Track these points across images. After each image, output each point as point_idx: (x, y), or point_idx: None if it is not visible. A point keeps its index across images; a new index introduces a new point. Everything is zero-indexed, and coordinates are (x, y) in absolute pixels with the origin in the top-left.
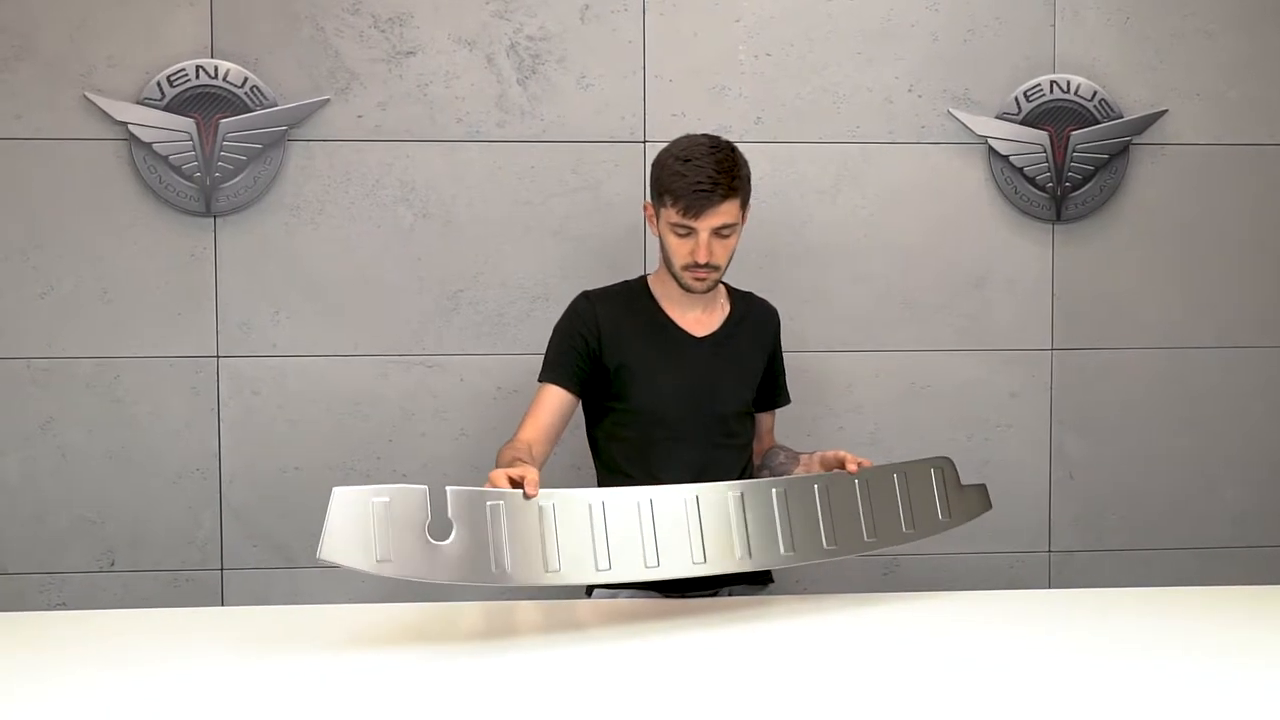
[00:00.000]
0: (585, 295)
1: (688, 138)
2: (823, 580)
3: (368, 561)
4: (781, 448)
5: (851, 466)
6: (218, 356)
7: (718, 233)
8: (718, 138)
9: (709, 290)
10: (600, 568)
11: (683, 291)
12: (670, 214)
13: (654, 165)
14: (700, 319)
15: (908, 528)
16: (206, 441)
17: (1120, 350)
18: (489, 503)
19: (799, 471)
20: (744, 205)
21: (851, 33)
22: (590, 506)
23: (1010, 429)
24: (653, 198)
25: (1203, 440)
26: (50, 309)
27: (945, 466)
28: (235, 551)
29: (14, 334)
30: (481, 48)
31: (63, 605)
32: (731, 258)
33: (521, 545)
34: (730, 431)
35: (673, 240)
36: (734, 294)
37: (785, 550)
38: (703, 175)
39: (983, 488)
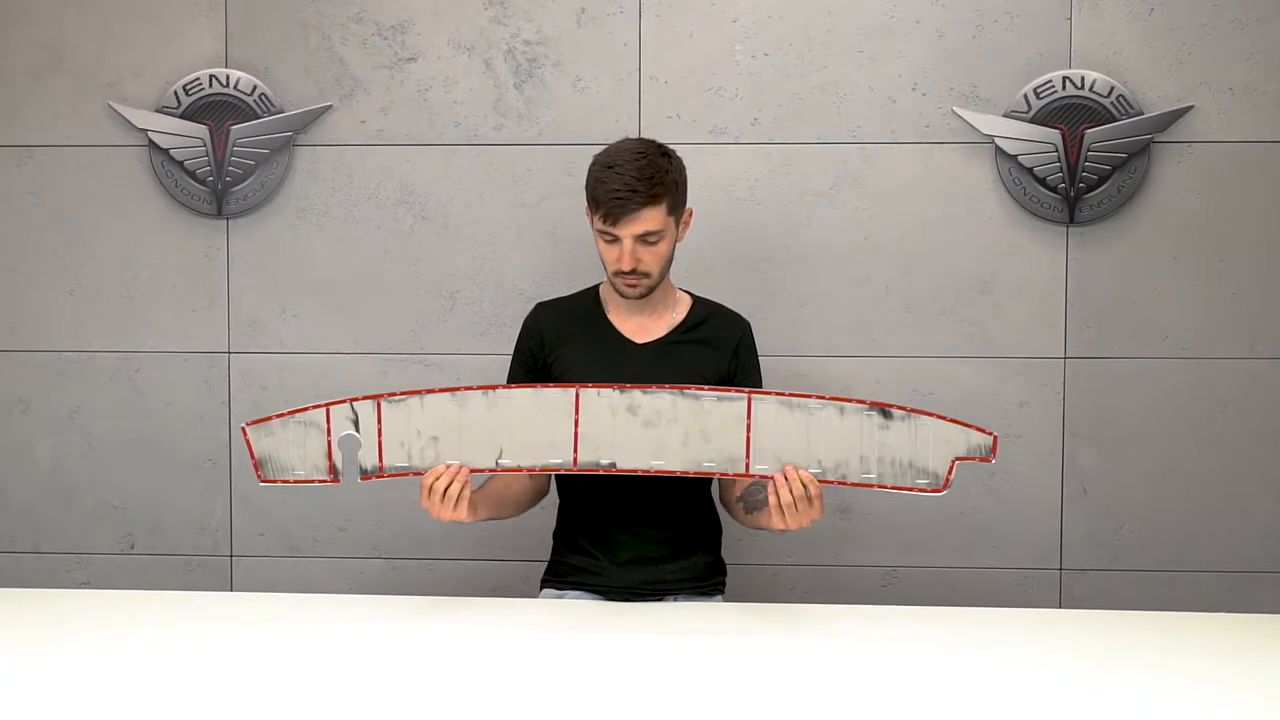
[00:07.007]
0: (536, 308)
1: (620, 143)
2: (815, 590)
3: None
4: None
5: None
6: (229, 352)
7: (643, 240)
8: (650, 142)
9: (642, 296)
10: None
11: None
12: (596, 220)
13: (588, 170)
14: (645, 325)
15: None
16: (218, 433)
17: (1140, 359)
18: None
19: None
20: (672, 212)
21: (852, 30)
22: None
23: (1019, 440)
24: (587, 203)
25: (1231, 456)
26: (77, 304)
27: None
28: (244, 539)
29: (46, 327)
30: (479, 53)
31: (87, 584)
32: (668, 264)
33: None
34: None
35: (602, 246)
36: (697, 303)
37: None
38: (621, 183)
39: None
